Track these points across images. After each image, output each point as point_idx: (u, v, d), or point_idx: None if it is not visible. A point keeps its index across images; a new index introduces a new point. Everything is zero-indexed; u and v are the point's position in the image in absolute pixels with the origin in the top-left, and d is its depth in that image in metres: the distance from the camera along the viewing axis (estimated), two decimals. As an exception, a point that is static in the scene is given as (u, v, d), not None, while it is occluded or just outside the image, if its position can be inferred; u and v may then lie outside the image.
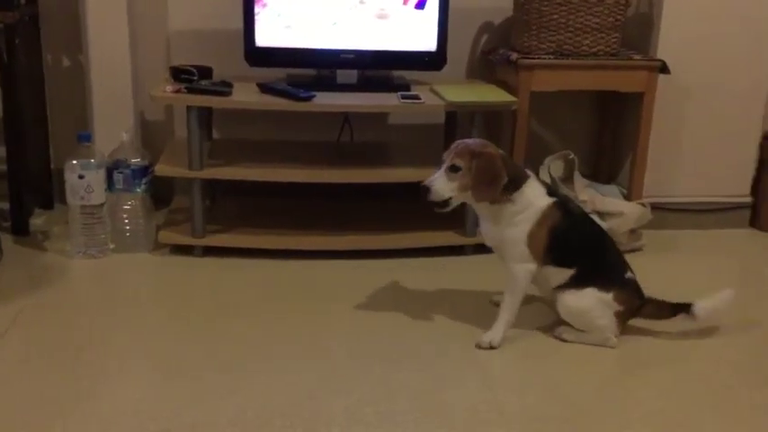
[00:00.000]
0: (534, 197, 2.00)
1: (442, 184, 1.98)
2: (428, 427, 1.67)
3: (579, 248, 2.06)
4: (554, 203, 2.01)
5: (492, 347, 2.00)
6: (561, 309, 2.06)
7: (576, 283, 2.04)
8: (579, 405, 1.79)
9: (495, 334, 2.02)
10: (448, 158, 2.00)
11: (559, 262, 2.03)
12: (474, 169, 1.95)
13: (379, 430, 1.66)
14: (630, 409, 1.79)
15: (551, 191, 2.06)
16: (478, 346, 2.01)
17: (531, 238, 2.00)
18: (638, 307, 2.08)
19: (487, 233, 2.08)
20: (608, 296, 2.03)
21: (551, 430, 1.69)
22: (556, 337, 2.08)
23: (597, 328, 2.05)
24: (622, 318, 2.06)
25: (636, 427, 1.71)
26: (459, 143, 2.02)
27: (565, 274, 2.04)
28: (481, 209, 2.04)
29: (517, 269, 2.02)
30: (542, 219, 2.00)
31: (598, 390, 1.87)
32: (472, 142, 2.02)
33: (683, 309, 2.08)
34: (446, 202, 1.99)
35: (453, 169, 1.98)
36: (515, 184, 1.98)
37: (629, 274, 2.09)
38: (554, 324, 2.12)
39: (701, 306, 2.07)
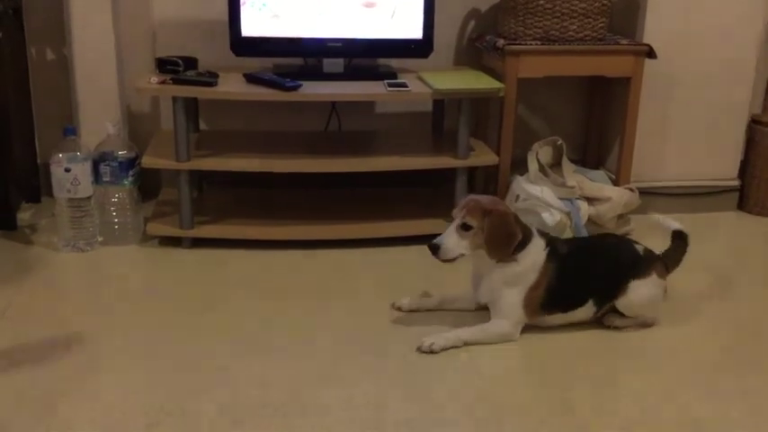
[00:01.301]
0: (536, 256, 1.99)
1: (452, 243, 1.96)
2: (416, 413, 1.68)
3: (582, 286, 2.04)
4: (548, 255, 1.99)
5: (432, 351, 1.93)
6: (627, 311, 2.05)
7: (616, 294, 2.04)
8: (566, 388, 1.80)
9: (441, 341, 1.94)
10: (459, 216, 1.97)
11: (568, 307, 2.03)
12: (487, 227, 1.93)
13: (370, 417, 1.66)
14: (621, 392, 1.80)
15: (547, 239, 2.03)
16: (419, 349, 1.94)
17: (528, 299, 1.99)
18: (665, 266, 2.11)
19: (482, 290, 2.05)
20: (653, 277, 2.04)
21: (539, 413, 1.69)
22: (608, 327, 2.07)
23: (657, 310, 2.08)
24: (666, 288, 2.10)
25: (628, 410, 1.72)
26: (469, 200, 2.00)
27: (588, 308, 2.04)
28: (485, 267, 2.01)
29: (504, 325, 1.99)
30: (540, 278, 1.98)
31: (584, 372, 1.88)
32: (483, 199, 2.00)
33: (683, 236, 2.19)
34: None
35: (465, 228, 1.95)
36: (522, 243, 1.97)
37: (639, 248, 2.10)
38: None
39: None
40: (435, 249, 1.97)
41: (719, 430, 1.66)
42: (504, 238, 1.95)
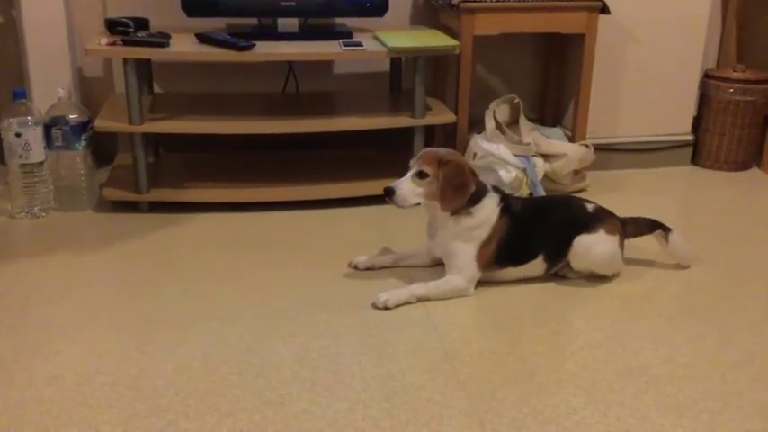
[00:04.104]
0: (491, 211, 2.01)
1: (408, 190, 1.98)
2: (373, 365, 1.70)
3: (533, 241, 2.07)
4: (501, 211, 2.02)
5: (386, 307, 1.94)
6: (576, 266, 2.09)
7: (566, 250, 2.07)
8: (521, 339, 1.84)
9: (395, 297, 1.96)
10: (415, 165, 2.00)
11: (518, 261, 2.07)
12: (441, 177, 1.95)
13: (326, 371, 1.68)
14: (572, 340, 1.84)
15: (501, 195, 2.06)
16: (374, 305, 1.95)
17: (481, 254, 2.01)
18: (622, 226, 2.13)
19: (437, 243, 2.07)
20: (600, 234, 2.06)
21: (495, 364, 1.73)
22: (562, 277, 2.13)
23: (612, 265, 2.11)
24: (621, 244, 2.11)
25: (577, 357, 1.76)
26: (426, 150, 2.04)
27: (538, 262, 2.08)
28: (440, 219, 2.03)
29: (458, 280, 2.01)
30: (493, 233, 2.01)
31: (539, 324, 1.92)
32: (441, 150, 2.03)
33: (662, 227, 2.16)
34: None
35: (421, 175, 1.98)
36: (477, 196, 2.00)
37: (590, 206, 2.12)
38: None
39: (676, 237, 2.17)
40: (390, 193, 1.99)
41: (665, 373, 1.70)
42: (458, 189, 1.97)
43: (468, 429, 1.51)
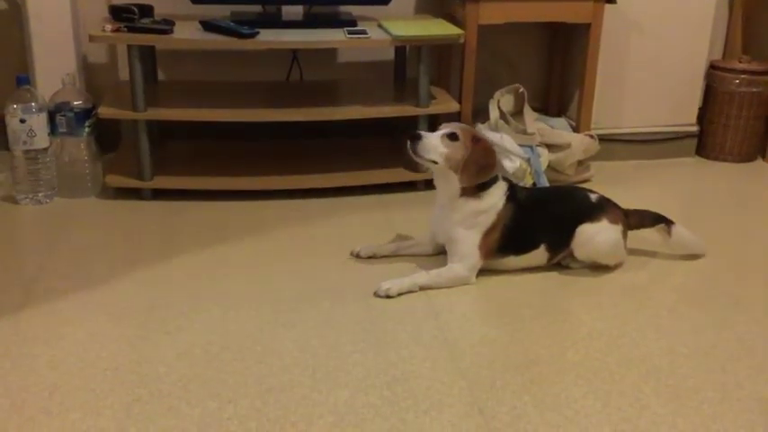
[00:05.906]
0: (497, 199, 2.02)
1: (434, 143, 1.98)
2: (374, 353, 1.71)
3: (535, 230, 2.08)
4: (506, 199, 2.03)
5: (388, 296, 1.94)
6: (579, 255, 2.09)
7: (568, 239, 2.07)
8: (523, 328, 1.84)
9: (397, 285, 1.96)
10: (447, 127, 2.00)
11: (521, 250, 2.07)
12: (473, 151, 1.96)
13: (327, 359, 1.69)
14: (574, 330, 1.85)
15: (508, 184, 2.06)
16: (376, 293, 1.95)
17: (484, 242, 2.02)
18: (625, 216, 2.13)
19: (441, 228, 2.08)
20: (603, 223, 2.06)
21: (496, 353, 1.73)
22: (565, 267, 2.13)
23: (615, 255, 2.10)
24: (624, 234, 2.11)
25: (578, 346, 1.76)
26: (462, 123, 2.06)
27: (541, 252, 2.08)
28: (448, 198, 2.03)
29: (460, 269, 2.02)
30: (497, 221, 2.01)
31: (540, 314, 1.92)
32: (475, 128, 2.05)
33: (664, 221, 2.16)
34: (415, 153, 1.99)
35: (452, 137, 1.98)
36: (488, 182, 2.01)
37: (594, 196, 2.12)
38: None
39: (679, 229, 2.16)
40: (416, 138, 1.98)
41: (666, 364, 1.71)
42: (482, 168, 1.99)
43: (467, 417, 1.51)
